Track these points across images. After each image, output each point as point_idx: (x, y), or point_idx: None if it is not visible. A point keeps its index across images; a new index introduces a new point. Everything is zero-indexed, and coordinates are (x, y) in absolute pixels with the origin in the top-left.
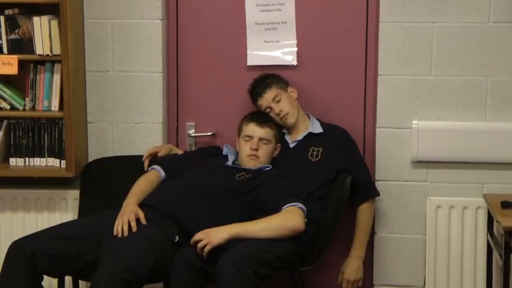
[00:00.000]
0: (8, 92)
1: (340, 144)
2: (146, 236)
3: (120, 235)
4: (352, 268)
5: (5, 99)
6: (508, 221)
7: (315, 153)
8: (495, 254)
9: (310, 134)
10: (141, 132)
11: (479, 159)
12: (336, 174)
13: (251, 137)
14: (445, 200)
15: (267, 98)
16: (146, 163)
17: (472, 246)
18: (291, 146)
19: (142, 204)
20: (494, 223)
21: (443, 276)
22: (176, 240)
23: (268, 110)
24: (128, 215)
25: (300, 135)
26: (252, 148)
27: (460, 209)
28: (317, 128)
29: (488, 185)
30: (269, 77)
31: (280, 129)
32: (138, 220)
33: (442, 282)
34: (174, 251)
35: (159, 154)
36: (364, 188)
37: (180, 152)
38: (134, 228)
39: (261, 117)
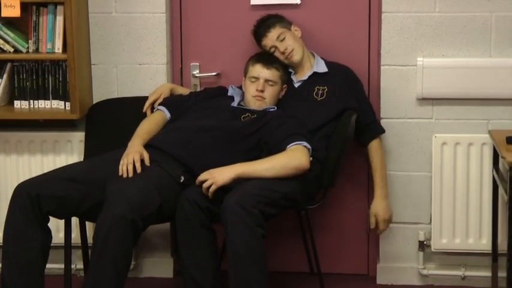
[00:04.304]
0: (11, 34)
1: (345, 83)
2: (151, 177)
3: (125, 175)
4: (384, 207)
5: (8, 42)
6: None
7: (320, 92)
8: (500, 190)
9: (315, 73)
10: (145, 73)
11: (484, 95)
12: (340, 112)
13: (257, 78)
14: (451, 137)
15: (271, 37)
16: (148, 113)
17: (477, 182)
18: (296, 85)
19: (148, 146)
20: (500, 159)
21: (449, 212)
22: (181, 181)
23: (273, 50)
24: (133, 155)
25: (305, 75)
26: (258, 89)
27: (465, 146)
28: (322, 67)
29: (494, 121)
30: (272, 17)
31: (287, 70)
32: (142, 161)
33: (448, 219)
34: (180, 191)
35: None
36: (371, 125)
37: (184, 90)
38: (139, 169)
39: (267, 58)
